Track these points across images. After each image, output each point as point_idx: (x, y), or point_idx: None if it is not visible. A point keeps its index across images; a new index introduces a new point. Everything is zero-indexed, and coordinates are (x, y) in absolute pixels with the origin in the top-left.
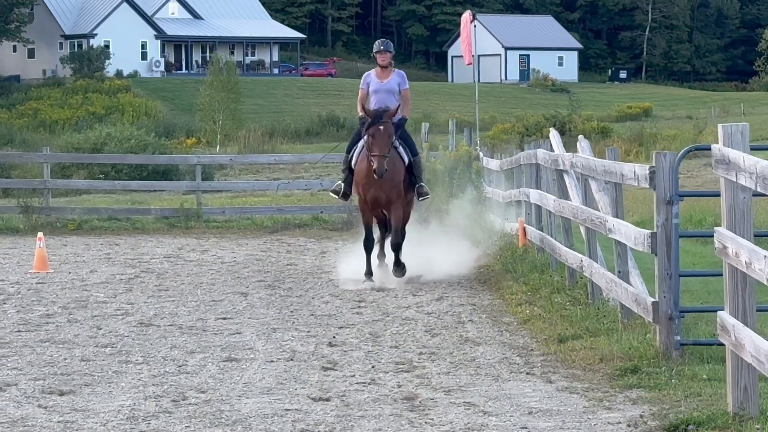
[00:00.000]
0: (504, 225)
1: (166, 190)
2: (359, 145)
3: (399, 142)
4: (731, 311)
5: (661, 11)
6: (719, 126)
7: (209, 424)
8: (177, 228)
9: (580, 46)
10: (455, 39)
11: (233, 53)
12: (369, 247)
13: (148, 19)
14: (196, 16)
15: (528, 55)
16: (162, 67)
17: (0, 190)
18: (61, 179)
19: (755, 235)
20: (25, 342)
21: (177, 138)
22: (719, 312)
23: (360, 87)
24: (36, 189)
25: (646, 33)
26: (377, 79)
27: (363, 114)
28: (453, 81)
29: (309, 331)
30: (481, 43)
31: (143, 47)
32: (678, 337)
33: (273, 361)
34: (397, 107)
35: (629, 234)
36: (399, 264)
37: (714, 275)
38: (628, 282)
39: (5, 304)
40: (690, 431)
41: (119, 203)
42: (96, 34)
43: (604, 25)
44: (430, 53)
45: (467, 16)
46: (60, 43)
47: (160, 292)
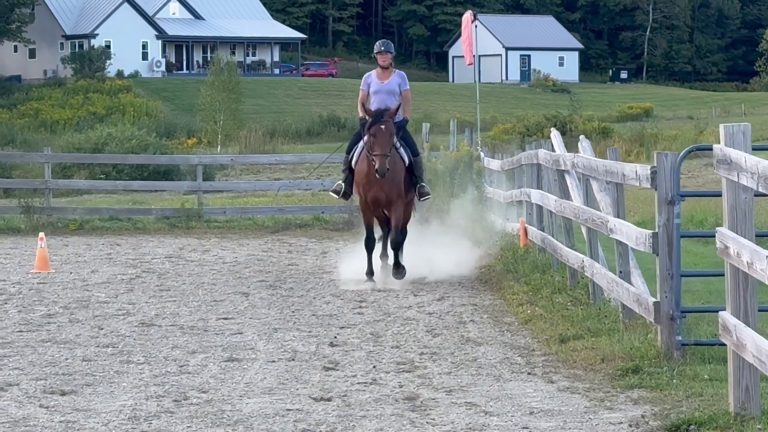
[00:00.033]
0: (505, 225)
1: (167, 190)
2: (359, 146)
3: (400, 143)
4: (733, 311)
5: (662, 11)
6: (721, 126)
7: (211, 424)
8: (178, 228)
9: (580, 46)
10: (456, 39)
11: (234, 53)
12: (370, 247)
13: (149, 20)
14: (197, 16)
15: (529, 56)
16: (163, 68)
17: (1, 190)
18: (63, 179)
19: (757, 236)
20: (27, 342)
21: (178, 138)
22: (721, 312)
23: (360, 88)
24: (37, 189)
25: (646, 33)
26: (378, 80)
27: (363, 115)
28: (454, 81)
29: (310, 331)
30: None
31: (144, 47)
32: (679, 337)
33: (274, 361)
34: (398, 107)
35: (631, 234)
36: (399, 267)
37: (715, 275)
38: (629, 282)
39: (7, 304)
40: (691, 431)
41: (120, 203)
42: (97, 34)
43: (604, 26)
44: (430, 53)
45: (468, 16)
46: (61, 44)
47: (161, 292)
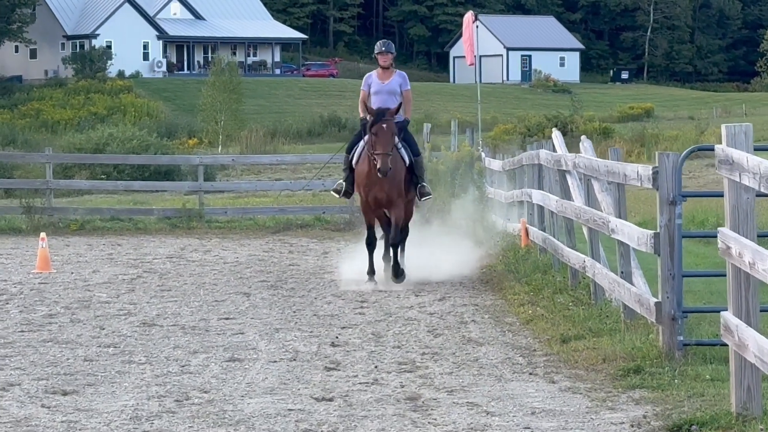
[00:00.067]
0: (506, 225)
1: (168, 190)
2: (360, 145)
3: (401, 143)
4: (735, 311)
5: (663, 12)
6: (723, 126)
7: (212, 424)
8: (179, 228)
9: (581, 46)
10: (457, 39)
11: (235, 54)
12: (371, 246)
13: (150, 20)
14: (197, 16)
15: (530, 56)
16: (164, 68)
17: (2, 190)
18: (64, 179)
19: (759, 236)
20: (28, 342)
21: (179, 138)
22: (723, 312)
23: (361, 88)
24: (38, 189)
25: (647, 34)
26: (378, 80)
27: (364, 115)
28: (454, 81)
29: (312, 332)
30: (483, 44)
31: (145, 48)
32: (681, 338)
33: (276, 361)
34: (398, 106)
35: (632, 234)
36: (398, 271)
37: (717, 275)
38: (630, 282)
39: (8, 304)
40: (693, 431)
41: (121, 203)
42: (98, 34)
43: (605, 26)
44: (431, 54)
45: (469, 16)
46: (62, 44)
47: (162, 292)
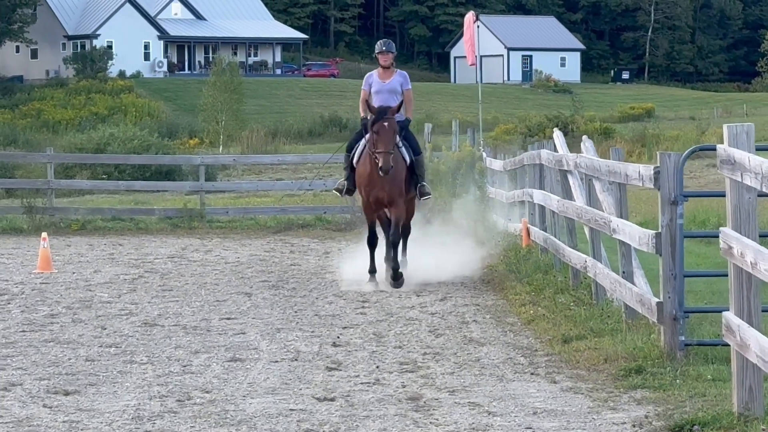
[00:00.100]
0: (507, 225)
1: (169, 190)
2: (361, 144)
3: (402, 142)
4: (736, 312)
5: (664, 12)
6: (724, 126)
7: (214, 423)
8: (180, 228)
9: (582, 46)
10: (458, 40)
11: (236, 54)
12: (373, 245)
13: (151, 20)
14: (198, 16)
15: (530, 56)
16: (165, 68)
17: (4, 190)
18: (65, 179)
19: (760, 236)
20: (30, 342)
21: (180, 138)
22: (724, 312)
23: (362, 87)
24: (39, 189)
25: (648, 34)
26: (379, 80)
27: (365, 114)
28: (455, 82)
29: (313, 332)
30: (484, 44)
31: (146, 48)
32: (682, 338)
33: (277, 361)
34: (399, 104)
35: (634, 234)
36: (397, 274)
37: (718, 275)
38: (632, 282)
39: (9, 304)
40: (695, 431)
41: (123, 203)
42: (99, 34)
43: (606, 26)
44: (432, 54)
45: (470, 16)
46: (63, 44)
47: (164, 292)
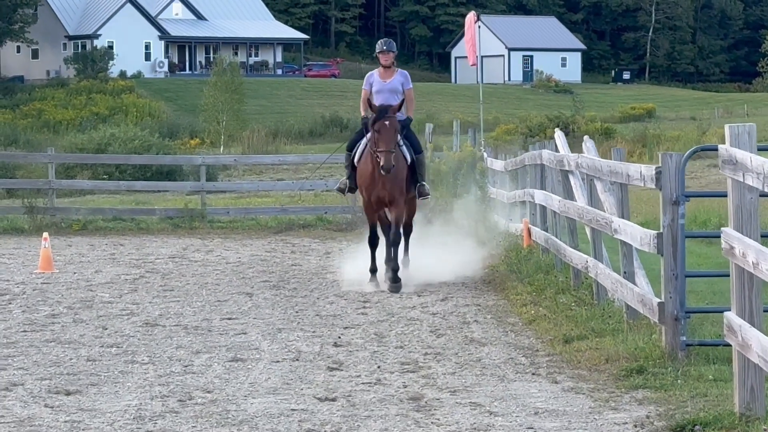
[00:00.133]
0: (508, 226)
1: (170, 190)
2: (362, 143)
3: (403, 141)
4: (738, 312)
5: (665, 12)
6: (726, 126)
7: (216, 423)
8: (181, 228)
9: (583, 47)
10: (458, 40)
11: (237, 54)
12: (374, 244)
13: (151, 20)
14: (199, 16)
15: (531, 56)
16: (165, 68)
17: (5, 190)
18: (66, 180)
19: (762, 236)
20: (31, 342)
21: (181, 139)
22: (726, 312)
23: (363, 87)
24: (40, 189)
25: (649, 34)
26: (380, 79)
27: (366, 114)
28: (456, 82)
29: (314, 332)
30: (485, 44)
31: (147, 48)
32: (684, 338)
33: (279, 361)
34: (400, 103)
35: (635, 234)
36: (396, 277)
37: (720, 276)
38: (633, 282)
39: (11, 304)
40: (696, 431)
41: (123, 204)
42: (100, 34)
43: (607, 26)
44: (433, 54)
45: (471, 17)
46: (64, 44)
47: (165, 292)
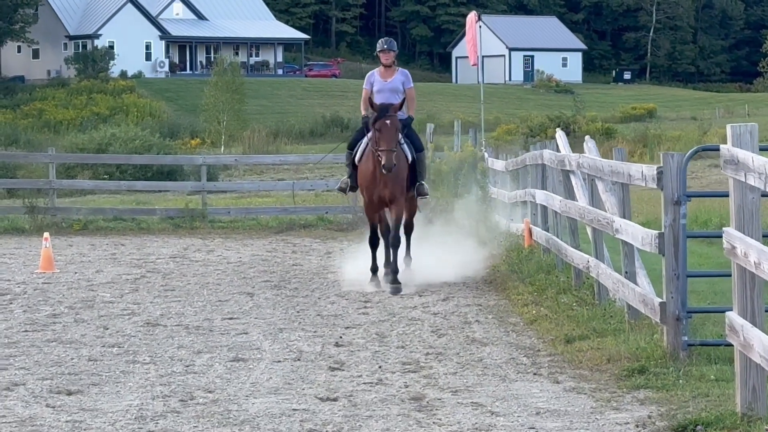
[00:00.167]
0: (509, 226)
1: (170, 190)
2: (363, 142)
3: (404, 140)
4: (740, 312)
5: (666, 12)
6: (728, 126)
7: (217, 423)
8: (182, 228)
9: (584, 47)
10: (459, 40)
11: (237, 54)
12: (374, 244)
13: (152, 20)
14: (200, 16)
15: (532, 56)
16: (166, 68)
17: (5, 190)
18: (66, 179)
19: (764, 236)
20: (33, 342)
21: (181, 139)
22: (728, 312)
23: (364, 86)
24: (41, 189)
25: (650, 34)
26: (381, 79)
27: (366, 113)
28: (457, 82)
29: (315, 332)
30: (486, 44)
31: (147, 48)
32: (685, 338)
33: (280, 361)
34: (402, 102)
35: (636, 234)
36: (395, 281)
37: (721, 275)
38: (635, 282)
39: (12, 304)
40: (698, 431)
41: (124, 203)
42: (100, 34)
43: (608, 26)
44: (434, 54)
45: (472, 16)
46: (64, 44)
47: (166, 292)
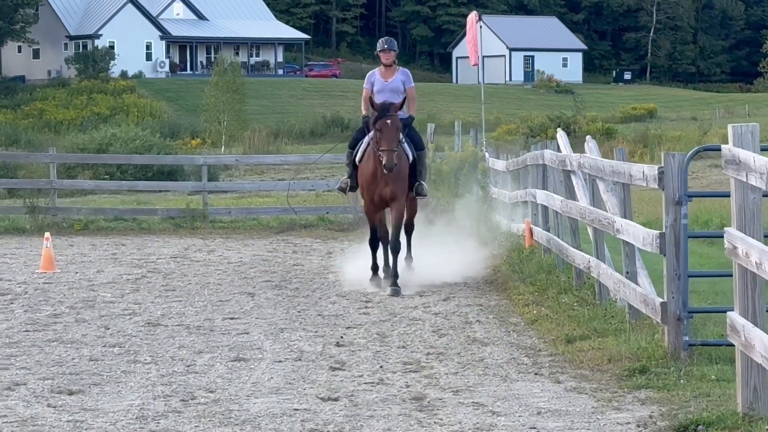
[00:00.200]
0: (510, 226)
1: (171, 190)
2: (364, 142)
3: (405, 139)
4: (741, 312)
5: (666, 12)
6: (729, 126)
7: (218, 423)
8: (183, 228)
9: (584, 47)
10: (460, 40)
11: (238, 54)
12: (374, 245)
13: (152, 20)
14: (200, 16)
15: (532, 56)
16: (167, 68)
17: (6, 190)
18: (67, 179)
19: (765, 236)
20: (34, 342)
21: (182, 139)
22: (729, 312)
23: (364, 86)
24: (42, 189)
25: (650, 34)
26: (381, 78)
27: (367, 113)
28: (457, 82)
29: (316, 331)
30: (486, 44)
31: (148, 48)
32: (686, 338)
33: (281, 361)
34: (402, 101)
35: (637, 234)
36: (395, 281)
37: (723, 275)
38: (636, 282)
39: (13, 303)
40: (699, 431)
41: (125, 203)
42: (101, 34)
43: (608, 27)
44: (434, 54)
45: (473, 16)
46: (65, 44)
47: (167, 292)
